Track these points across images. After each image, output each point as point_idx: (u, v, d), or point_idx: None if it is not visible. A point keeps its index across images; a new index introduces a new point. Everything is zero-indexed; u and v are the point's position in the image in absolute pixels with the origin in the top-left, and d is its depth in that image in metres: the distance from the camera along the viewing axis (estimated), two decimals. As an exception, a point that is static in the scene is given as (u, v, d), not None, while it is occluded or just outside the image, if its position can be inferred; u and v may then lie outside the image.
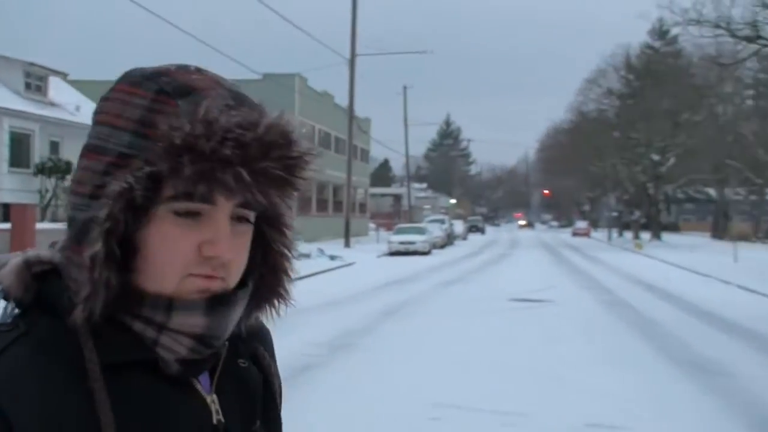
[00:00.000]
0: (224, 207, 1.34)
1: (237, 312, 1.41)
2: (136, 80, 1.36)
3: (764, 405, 11.23)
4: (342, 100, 63.05)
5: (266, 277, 1.50)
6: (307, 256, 39.95)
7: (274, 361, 1.65)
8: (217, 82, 1.39)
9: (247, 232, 1.40)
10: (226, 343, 1.47)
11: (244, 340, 1.53)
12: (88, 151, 1.36)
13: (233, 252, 1.35)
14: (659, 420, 10.33)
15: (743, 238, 66.94)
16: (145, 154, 1.30)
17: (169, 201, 1.31)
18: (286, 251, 1.51)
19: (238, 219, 1.38)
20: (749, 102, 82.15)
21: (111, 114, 1.35)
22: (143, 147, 1.31)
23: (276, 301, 1.53)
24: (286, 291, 1.53)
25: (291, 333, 16.46)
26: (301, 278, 31.07)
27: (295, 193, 1.40)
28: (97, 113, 1.37)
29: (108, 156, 1.32)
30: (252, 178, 1.29)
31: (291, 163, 1.33)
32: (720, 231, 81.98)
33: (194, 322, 1.35)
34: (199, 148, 1.27)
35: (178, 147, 1.28)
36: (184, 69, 1.39)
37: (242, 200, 1.34)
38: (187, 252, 1.33)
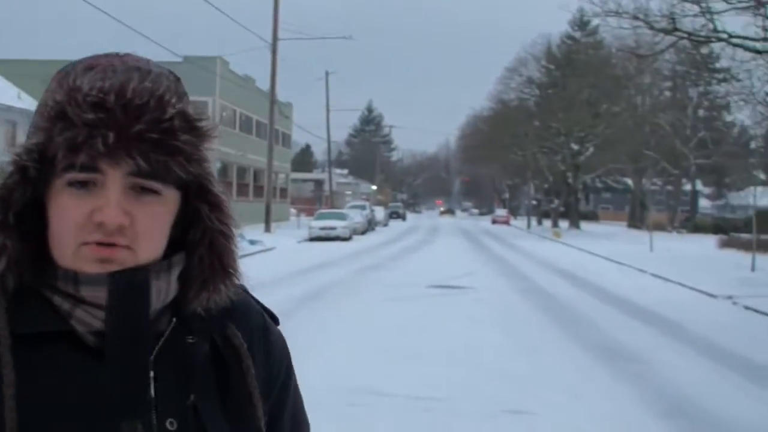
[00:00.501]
0: (114, 175, 1.35)
1: (156, 286, 1.41)
2: (62, 69, 1.42)
3: (676, 391, 11.44)
4: (264, 84, 62.68)
5: (206, 256, 1.49)
6: (227, 240, 39.60)
7: (267, 341, 1.65)
8: (126, 62, 1.41)
9: (155, 203, 1.40)
10: (174, 319, 1.47)
11: (209, 318, 1.51)
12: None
13: (125, 218, 1.35)
14: (573, 406, 10.47)
15: (659, 227, 67.97)
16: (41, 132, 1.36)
17: (61, 173, 1.35)
18: (222, 228, 1.50)
19: (143, 189, 1.38)
20: (667, 93, 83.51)
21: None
22: (40, 126, 1.37)
23: (224, 281, 1.52)
24: (233, 269, 1.53)
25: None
26: (220, 263, 30.84)
27: (205, 163, 1.43)
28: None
29: (30, 139, 1.37)
30: (127, 143, 1.32)
31: (167, 127, 1.34)
32: (637, 220, 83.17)
33: (103, 294, 1.37)
34: (68, 116, 1.32)
35: (52, 117, 1.34)
36: (108, 54, 1.43)
37: (133, 168, 1.35)
38: (79, 220, 1.35)
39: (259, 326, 1.66)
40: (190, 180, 1.43)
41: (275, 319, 1.75)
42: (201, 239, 1.48)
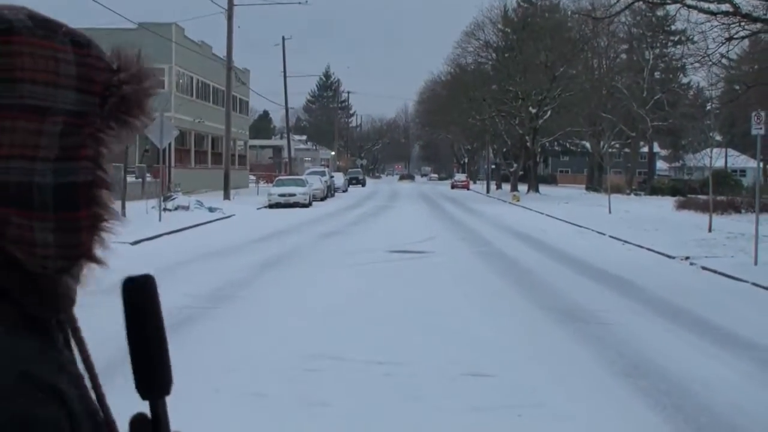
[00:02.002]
0: None
1: None
2: (40, 33, 1.28)
3: (635, 351, 11.53)
4: (221, 50, 62.16)
5: None
6: (186, 208, 39.46)
7: None
8: None
9: None
10: None
11: None
12: (21, 112, 1.25)
13: None
14: (533, 368, 10.52)
15: (617, 190, 68.44)
16: (92, 108, 1.30)
17: None
18: None
19: None
20: (623, 56, 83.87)
21: (43, 71, 1.27)
22: (90, 102, 1.30)
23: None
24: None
25: (170, 286, 16.26)
26: (179, 230, 30.70)
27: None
28: (12, 70, 1.26)
29: (58, 116, 1.27)
30: None
31: None
32: (595, 183, 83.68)
33: None
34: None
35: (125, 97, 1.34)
36: (40, 16, 1.32)
37: None
38: None
39: None
40: None
41: None
42: None
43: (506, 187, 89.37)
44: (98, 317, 5.83)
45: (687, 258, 23.62)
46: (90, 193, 1.30)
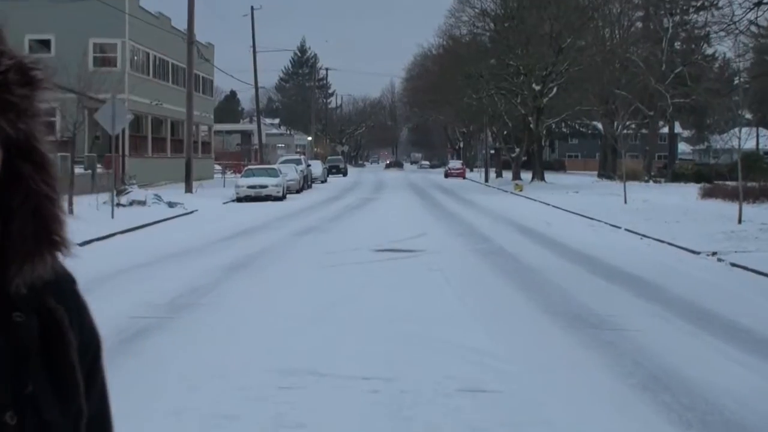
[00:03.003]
0: None
1: None
2: None
3: (653, 359, 11.52)
4: (181, 23, 62.07)
5: (30, 223, 1.46)
6: (142, 203, 39.38)
7: (80, 312, 1.65)
8: None
9: None
10: None
11: (32, 291, 1.50)
12: None
13: None
14: (539, 382, 10.51)
15: (634, 177, 68.56)
16: None
17: None
18: (48, 191, 1.48)
19: None
20: (638, 25, 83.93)
21: None
22: None
23: (51, 251, 1.50)
24: (60, 238, 1.51)
25: (122, 293, 16.24)
26: (134, 229, 30.65)
27: (36, 118, 1.43)
28: None
29: None
30: None
31: (0, 81, 1.35)
32: (608, 169, 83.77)
33: None
34: None
35: None
36: None
37: None
38: None
39: (72, 293, 1.67)
40: (18, 137, 1.41)
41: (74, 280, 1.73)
42: (23, 204, 1.46)
43: (507, 175, 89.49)
44: None
45: (714, 254, 23.66)
46: None
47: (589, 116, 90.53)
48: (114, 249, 25.13)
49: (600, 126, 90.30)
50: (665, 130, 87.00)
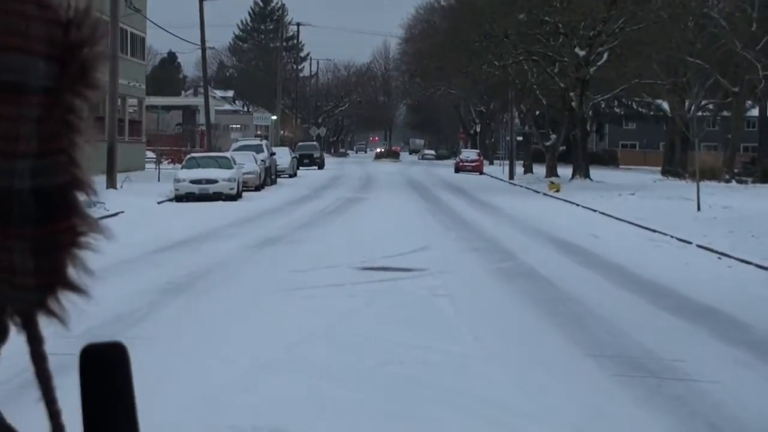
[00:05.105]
0: None
1: None
2: None
3: (733, 420, 11.49)
4: (102, -40, 62.14)
5: None
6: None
7: None
8: None
9: None
10: None
11: None
12: None
13: None
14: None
15: (711, 175, 68.64)
16: (57, 82, 1.39)
17: None
18: None
19: None
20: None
21: (14, 34, 1.34)
22: (55, 74, 1.39)
23: None
24: None
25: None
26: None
27: None
28: None
29: (33, 95, 1.36)
30: None
31: None
32: (676, 164, 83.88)
33: None
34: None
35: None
36: None
37: None
38: None
39: None
40: None
41: None
42: None
43: (539, 170, 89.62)
44: None
45: (817, 279, 23.69)
46: (67, 198, 1.43)
47: (651, 93, 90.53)
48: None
49: (666, 106, 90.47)
50: (754, 112, 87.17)
